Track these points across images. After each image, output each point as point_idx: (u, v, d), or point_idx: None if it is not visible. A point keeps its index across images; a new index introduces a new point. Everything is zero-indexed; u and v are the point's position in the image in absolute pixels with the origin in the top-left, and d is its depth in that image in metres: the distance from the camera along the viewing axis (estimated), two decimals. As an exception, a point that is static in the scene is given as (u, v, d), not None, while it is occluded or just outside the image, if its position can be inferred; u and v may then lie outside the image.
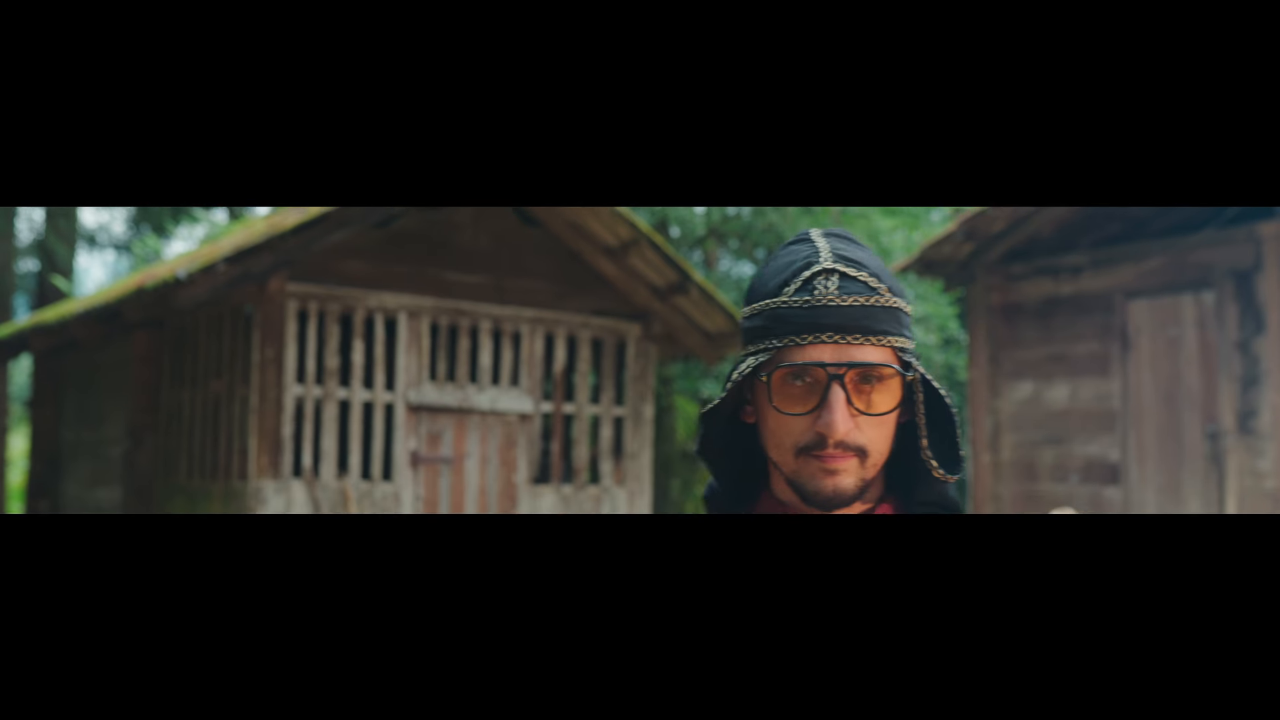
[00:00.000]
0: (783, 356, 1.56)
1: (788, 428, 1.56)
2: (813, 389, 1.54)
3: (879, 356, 1.55)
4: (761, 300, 1.60)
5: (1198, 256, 9.88)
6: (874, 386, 1.55)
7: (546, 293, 9.62)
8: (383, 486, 8.78)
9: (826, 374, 1.53)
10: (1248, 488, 9.52)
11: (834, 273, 1.56)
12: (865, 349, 1.55)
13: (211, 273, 7.86)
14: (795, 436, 1.56)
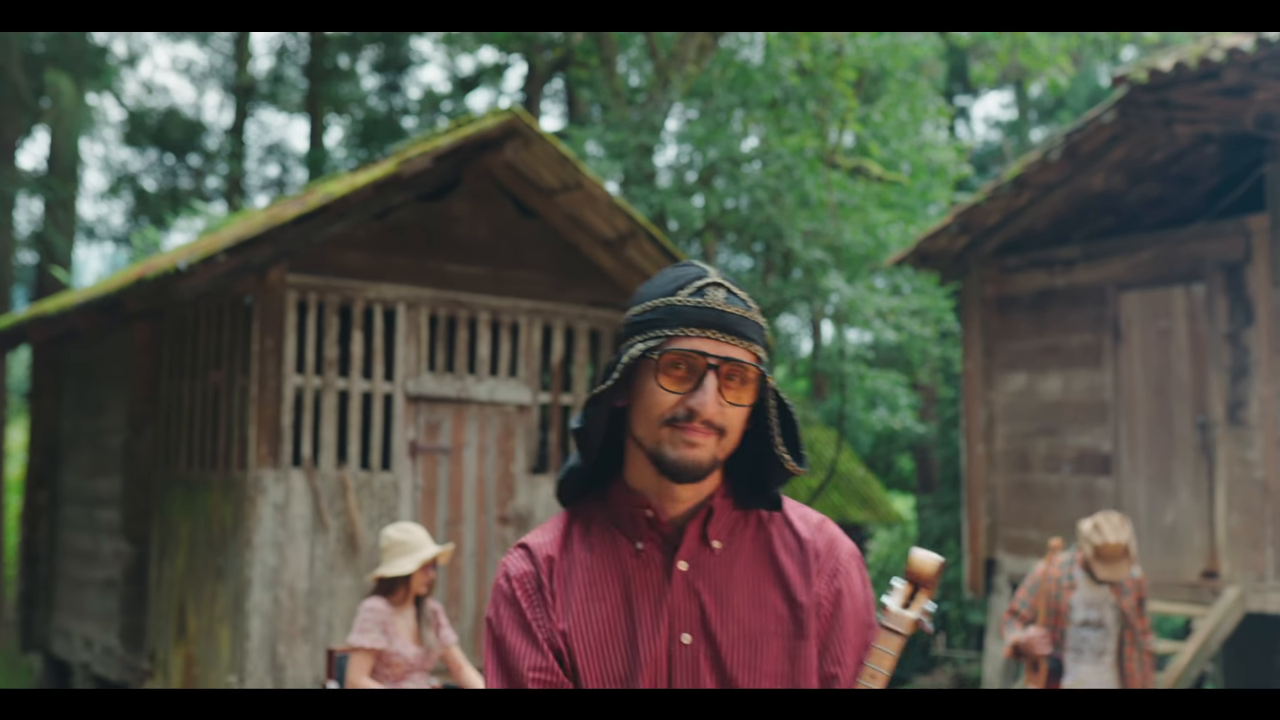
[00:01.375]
0: (672, 343, 1.90)
1: (662, 402, 1.89)
2: (691, 374, 1.90)
3: (748, 358, 1.92)
4: (655, 300, 1.95)
5: (1188, 249, 9.97)
6: (739, 382, 1.91)
7: (544, 284, 9.70)
8: (381, 476, 8.86)
9: (705, 362, 1.89)
10: (1237, 477, 9.62)
11: (721, 286, 1.94)
12: (738, 349, 1.91)
13: (212, 263, 7.94)
14: (665, 410, 1.89)
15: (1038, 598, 6.26)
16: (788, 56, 15.55)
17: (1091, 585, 6.21)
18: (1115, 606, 6.18)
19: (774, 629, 1.99)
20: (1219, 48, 8.58)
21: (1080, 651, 6.20)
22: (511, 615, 1.99)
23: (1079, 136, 9.97)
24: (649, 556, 1.99)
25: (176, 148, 20.43)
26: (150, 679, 9.39)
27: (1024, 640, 6.12)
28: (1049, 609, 6.21)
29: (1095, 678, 6.12)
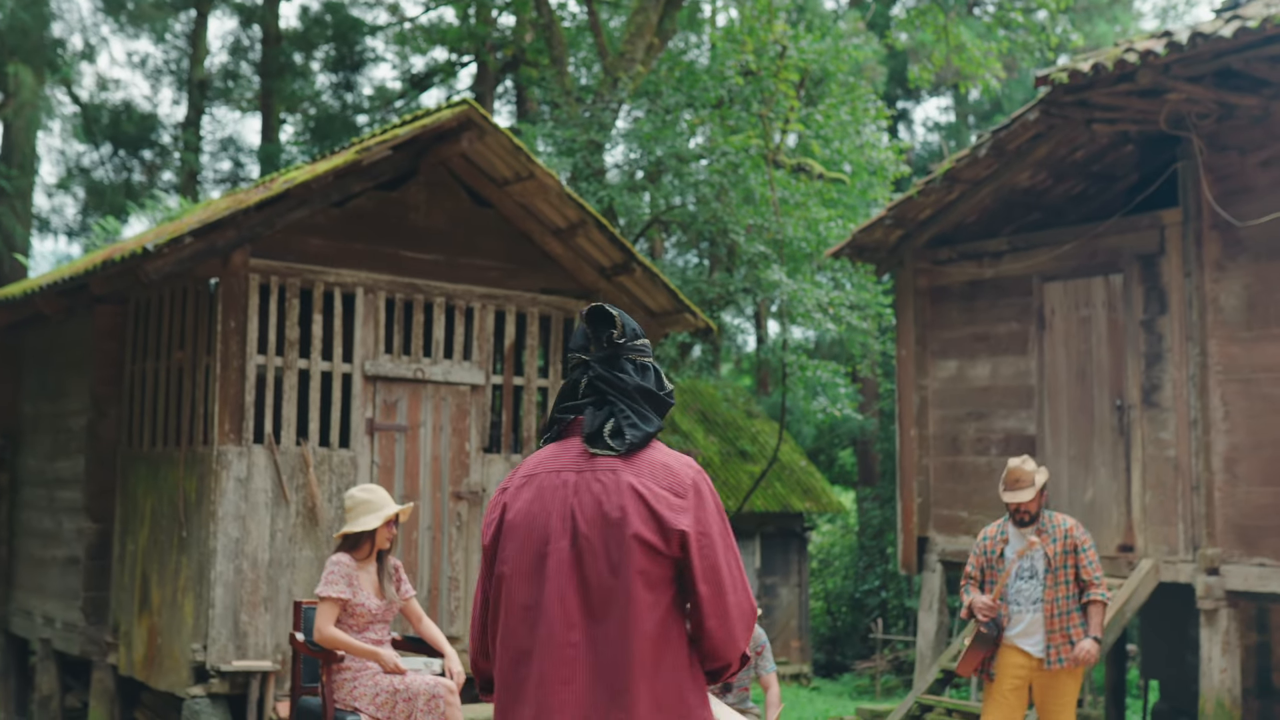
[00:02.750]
0: None
1: None
2: None
3: None
4: None
5: (1107, 242, 10.54)
6: None
7: (497, 271, 10.12)
8: (340, 453, 9.24)
9: None
10: (1151, 456, 10.20)
11: None
12: None
13: (178, 245, 8.29)
14: None
15: (978, 556, 6.84)
16: (733, 58, 16.05)
17: (1020, 536, 6.78)
18: (1045, 556, 6.74)
19: None
20: (1134, 51, 9.12)
21: (1019, 604, 6.77)
22: None
23: (1006, 134, 10.51)
24: None
25: (130, 142, 20.63)
26: (114, 652, 9.71)
27: (975, 602, 6.75)
28: (986, 563, 6.79)
29: (1030, 625, 6.72)
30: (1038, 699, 6.93)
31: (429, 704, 5.76)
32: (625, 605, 2.86)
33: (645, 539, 2.87)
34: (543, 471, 3.01)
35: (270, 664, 8.62)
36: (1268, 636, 11.16)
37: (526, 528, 2.96)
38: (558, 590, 2.89)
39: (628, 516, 2.88)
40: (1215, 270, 9.83)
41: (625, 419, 3.00)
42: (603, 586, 2.87)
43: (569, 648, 2.88)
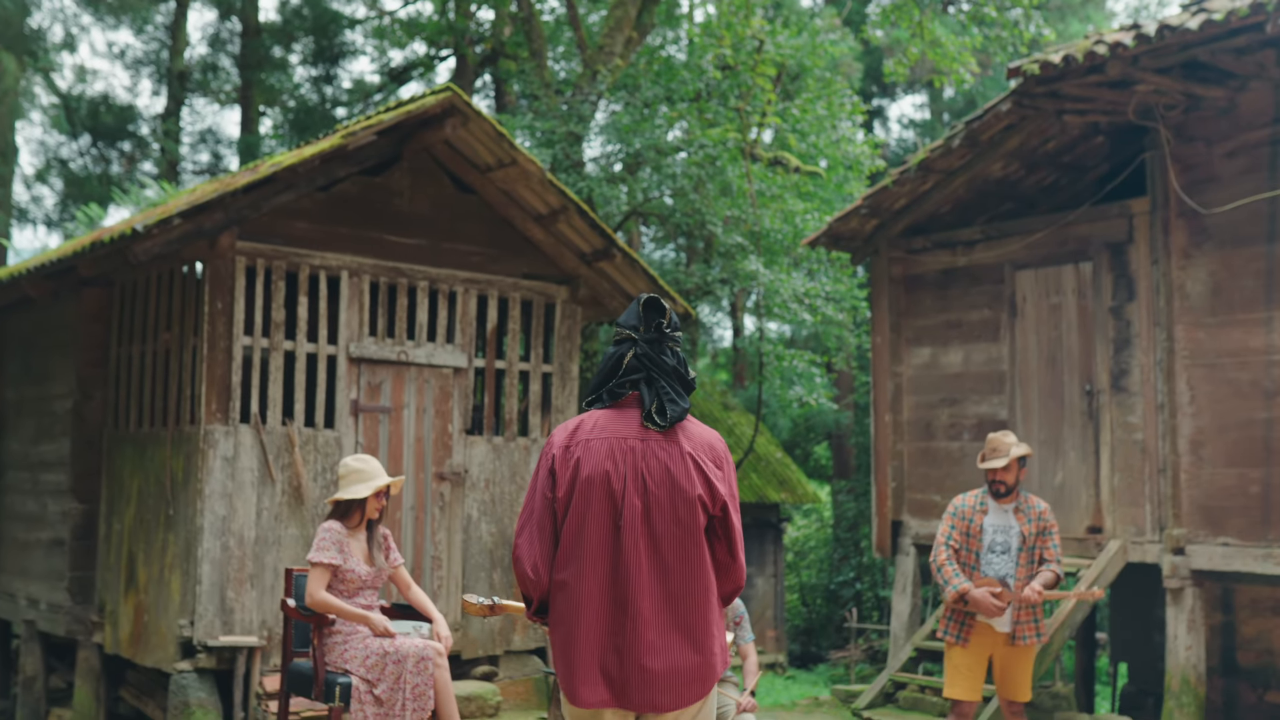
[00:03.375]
0: None
1: None
2: None
3: None
4: None
5: (1077, 230, 10.78)
6: None
7: (480, 256, 10.28)
8: (325, 433, 9.39)
9: None
10: (1119, 440, 10.44)
11: None
12: None
13: (167, 226, 8.41)
14: None
15: (959, 521, 6.99)
16: (711, 52, 16.24)
17: (999, 510, 6.97)
18: (1020, 533, 6.93)
19: None
20: (1103, 43, 9.36)
21: (987, 575, 6.95)
22: None
23: (979, 125, 10.73)
24: None
25: (109, 133, 20.67)
26: (99, 630, 9.82)
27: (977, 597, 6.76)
28: (963, 530, 6.95)
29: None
30: (998, 672, 7.10)
31: (418, 666, 5.92)
32: (685, 547, 3.77)
33: (702, 499, 3.78)
34: (611, 436, 3.82)
35: (256, 639, 8.76)
36: (1232, 616, 11.41)
37: (604, 484, 3.77)
38: (633, 537, 3.74)
39: (692, 481, 3.77)
40: (1182, 258, 10.08)
41: (667, 397, 3.83)
42: (667, 533, 3.76)
43: (641, 577, 3.74)
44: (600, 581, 3.77)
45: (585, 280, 10.70)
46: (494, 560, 10.14)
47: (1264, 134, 9.68)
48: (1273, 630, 11.23)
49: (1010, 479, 7.06)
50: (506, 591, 10.18)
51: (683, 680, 3.76)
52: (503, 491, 10.22)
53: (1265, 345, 9.60)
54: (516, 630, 10.24)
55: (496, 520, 10.17)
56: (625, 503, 3.76)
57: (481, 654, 10.00)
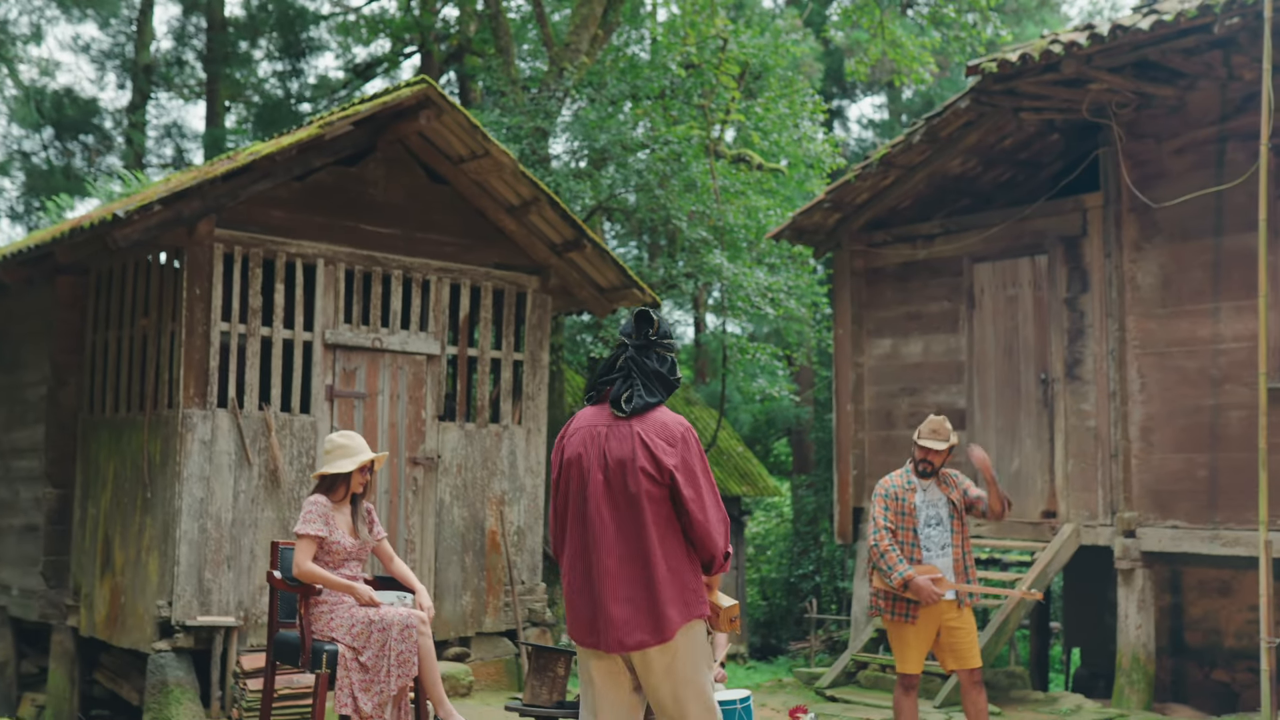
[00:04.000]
0: None
1: None
2: None
3: None
4: None
5: (1033, 224, 11.12)
6: None
7: (453, 245, 10.48)
8: (301, 418, 9.56)
9: None
10: (1073, 427, 10.78)
11: None
12: None
13: (147, 212, 8.57)
14: None
15: (889, 500, 7.23)
16: (675, 50, 16.50)
17: (924, 487, 7.24)
18: (948, 501, 7.21)
19: None
20: (1059, 42, 9.68)
21: (929, 549, 7.20)
22: None
23: (938, 121, 11.04)
24: None
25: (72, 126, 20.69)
26: (74, 614, 9.95)
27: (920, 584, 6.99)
28: (897, 510, 7.20)
29: (944, 566, 7.15)
30: (946, 647, 7.32)
31: (402, 633, 6.13)
32: (638, 511, 4.43)
33: (648, 470, 4.42)
34: (586, 425, 4.57)
35: (234, 620, 8.93)
36: (1180, 598, 11.79)
37: (578, 463, 4.53)
38: (596, 504, 4.47)
39: (636, 456, 4.44)
40: (1133, 251, 10.43)
41: (636, 391, 4.51)
42: (625, 500, 4.44)
43: (606, 537, 4.44)
44: (579, 544, 4.54)
45: (556, 270, 10.92)
46: (466, 544, 10.35)
47: (1211, 131, 10.04)
48: (1219, 611, 11.61)
49: (939, 461, 7.31)
50: (479, 574, 10.39)
51: (636, 625, 4.41)
52: (474, 477, 10.43)
53: (1212, 335, 9.96)
54: (488, 613, 10.45)
55: (468, 505, 10.37)
56: (590, 478, 4.49)
57: (454, 635, 10.20)
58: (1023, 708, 10.15)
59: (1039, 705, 10.22)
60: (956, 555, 7.21)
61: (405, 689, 6.22)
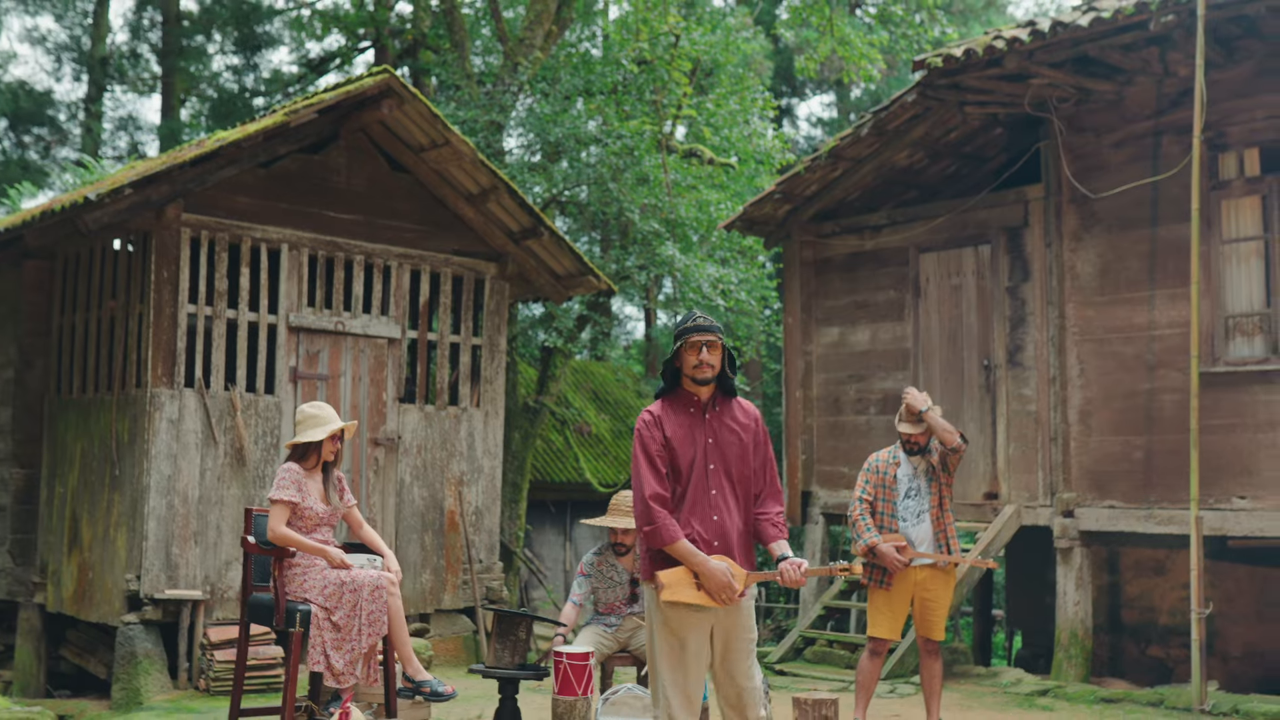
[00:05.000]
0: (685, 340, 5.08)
1: (689, 360, 5.05)
2: (695, 348, 5.03)
3: (717, 338, 5.05)
4: (682, 324, 5.15)
5: (977, 215, 11.51)
6: (714, 347, 5.04)
7: (413, 232, 10.73)
8: (266, 398, 9.77)
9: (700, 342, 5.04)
10: (1014, 411, 11.17)
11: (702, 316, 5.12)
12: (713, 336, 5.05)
13: (118, 196, 8.77)
14: (690, 363, 5.05)
15: (871, 474, 7.58)
16: (627, 46, 16.79)
17: (908, 460, 7.58)
18: (927, 471, 7.54)
19: (739, 440, 5.12)
20: (1002, 38, 10.06)
21: (905, 519, 7.55)
22: (645, 439, 5.07)
23: (886, 114, 11.40)
24: (697, 414, 5.10)
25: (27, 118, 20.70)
26: (41, 591, 10.10)
27: (884, 551, 7.34)
28: (878, 483, 7.54)
29: (919, 534, 7.48)
30: (918, 612, 7.68)
31: (373, 594, 6.37)
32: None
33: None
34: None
35: (201, 594, 9.13)
36: (1118, 577, 12.22)
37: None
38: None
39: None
40: (1073, 241, 10.83)
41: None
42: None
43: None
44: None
45: (514, 258, 11.19)
46: (425, 523, 10.59)
47: (1148, 125, 10.46)
48: (1154, 589, 12.05)
49: (924, 440, 7.65)
50: (438, 552, 10.63)
51: None
52: (434, 457, 10.67)
53: (1148, 322, 10.37)
54: (447, 590, 10.69)
55: (428, 485, 10.61)
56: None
57: (413, 612, 10.44)
58: (966, 681, 10.52)
59: (981, 679, 10.59)
60: (934, 515, 7.52)
61: (375, 647, 6.47)
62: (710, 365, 5.01)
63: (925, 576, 7.54)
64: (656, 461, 5.04)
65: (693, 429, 5.07)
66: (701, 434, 5.07)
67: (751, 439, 5.14)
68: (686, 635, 5.05)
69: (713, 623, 5.05)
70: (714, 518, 5.03)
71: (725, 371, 5.09)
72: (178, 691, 8.98)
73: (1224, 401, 9.76)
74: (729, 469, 5.07)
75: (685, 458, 5.05)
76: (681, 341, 5.08)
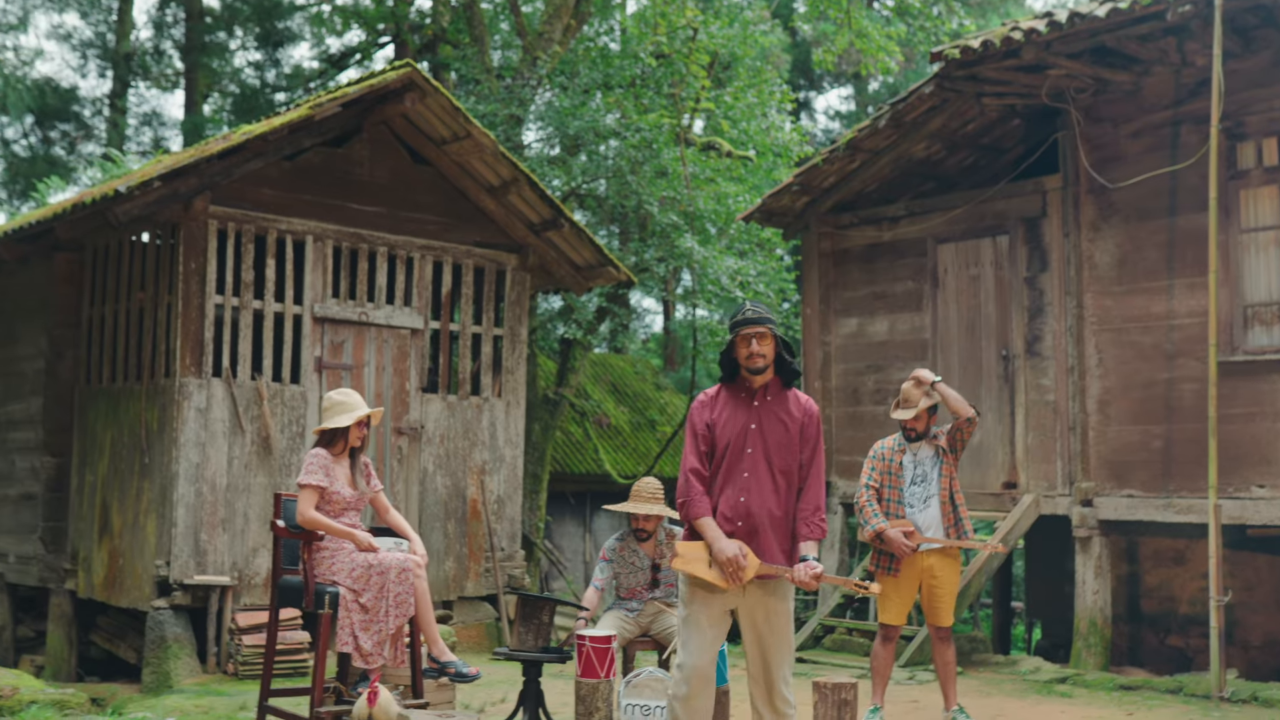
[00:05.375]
0: (739, 331, 5.24)
1: (742, 352, 5.24)
2: (746, 340, 5.21)
3: (767, 330, 5.21)
4: (734, 318, 5.31)
5: (995, 206, 11.57)
6: (764, 338, 5.21)
7: (435, 224, 10.85)
8: (291, 388, 9.90)
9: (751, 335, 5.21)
10: (1033, 401, 11.23)
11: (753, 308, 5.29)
12: (761, 328, 5.21)
13: (148, 189, 8.91)
14: (743, 355, 5.23)
15: (877, 461, 7.65)
16: (646, 40, 16.89)
17: (911, 447, 7.65)
18: (934, 456, 7.61)
19: (784, 429, 5.27)
20: (1019, 29, 10.12)
21: (912, 505, 7.62)
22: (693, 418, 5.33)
23: (904, 106, 11.47)
24: (747, 400, 5.29)
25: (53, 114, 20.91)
26: (72, 577, 10.26)
27: (892, 536, 7.41)
28: (884, 470, 7.61)
29: (926, 519, 7.54)
30: (926, 600, 7.74)
31: (399, 576, 6.49)
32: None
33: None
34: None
35: (228, 579, 9.27)
36: (1137, 567, 12.27)
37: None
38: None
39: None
40: (1091, 230, 10.89)
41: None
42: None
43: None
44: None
45: (535, 249, 11.30)
46: (448, 511, 10.71)
47: (1166, 115, 10.50)
48: (1173, 579, 12.09)
49: (920, 427, 7.71)
50: (461, 540, 10.75)
51: None
52: (456, 447, 10.79)
53: (1167, 311, 10.42)
54: (469, 578, 10.82)
55: (451, 474, 10.73)
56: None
57: (436, 599, 10.56)
58: (985, 669, 10.60)
59: (1000, 667, 10.66)
60: (944, 498, 7.59)
61: (402, 629, 6.58)
62: (761, 355, 5.19)
63: (932, 562, 7.60)
64: (699, 440, 5.27)
65: (739, 412, 5.26)
66: (746, 418, 5.25)
67: (799, 430, 5.28)
68: (699, 611, 5.24)
69: (729, 606, 5.24)
70: (741, 499, 5.19)
71: (782, 358, 5.28)
72: (206, 675, 9.12)
73: (1243, 390, 9.81)
74: (769, 456, 5.22)
75: (724, 439, 5.24)
76: (735, 334, 5.24)
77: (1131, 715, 8.41)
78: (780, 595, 5.28)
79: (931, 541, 7.53)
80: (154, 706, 8.03)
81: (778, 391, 5.32)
